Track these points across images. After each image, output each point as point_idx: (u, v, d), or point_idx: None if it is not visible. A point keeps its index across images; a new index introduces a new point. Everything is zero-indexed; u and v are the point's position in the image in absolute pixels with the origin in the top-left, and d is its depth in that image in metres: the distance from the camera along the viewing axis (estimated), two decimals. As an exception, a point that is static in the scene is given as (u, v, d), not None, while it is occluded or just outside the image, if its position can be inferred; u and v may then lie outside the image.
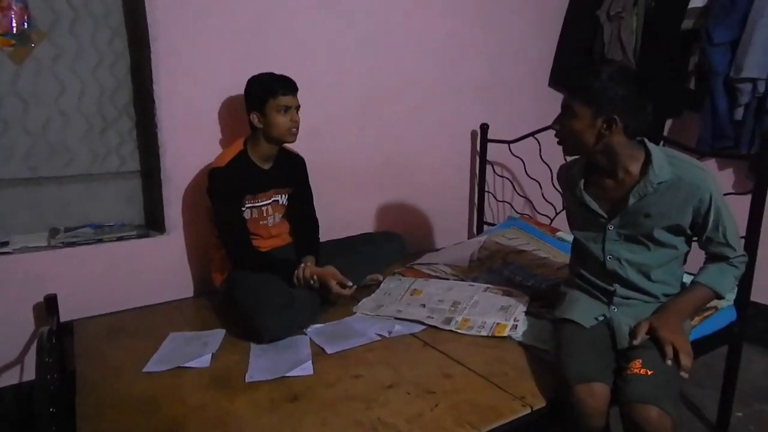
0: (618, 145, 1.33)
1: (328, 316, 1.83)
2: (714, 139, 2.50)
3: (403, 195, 2.60)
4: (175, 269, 2.08)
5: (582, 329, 1.39)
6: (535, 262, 2.15)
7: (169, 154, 2.00)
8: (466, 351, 1.56)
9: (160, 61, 1.92)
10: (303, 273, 1.80)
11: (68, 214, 2.03)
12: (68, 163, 1.99)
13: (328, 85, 2.27)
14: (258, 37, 2.08)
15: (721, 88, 2.42)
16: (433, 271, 2.20)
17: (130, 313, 1.89)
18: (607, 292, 1.45)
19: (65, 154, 1.98)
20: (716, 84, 2.42)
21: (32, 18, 1.85)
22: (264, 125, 1.84)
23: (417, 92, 2.53)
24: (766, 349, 2.51)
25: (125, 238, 1.99)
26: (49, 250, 1.87)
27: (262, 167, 1.93)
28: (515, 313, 1.73)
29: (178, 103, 1.98)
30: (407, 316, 1.80)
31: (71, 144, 1.98)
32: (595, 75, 1.29)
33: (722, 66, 2.39)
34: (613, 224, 1.42)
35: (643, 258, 1.40)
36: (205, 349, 1.59)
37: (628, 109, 1.29)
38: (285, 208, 2.05)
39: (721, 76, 2.40)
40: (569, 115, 1.33)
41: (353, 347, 1.60)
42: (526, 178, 2.66)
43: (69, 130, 1.97)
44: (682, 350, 1.25)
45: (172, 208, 2.05)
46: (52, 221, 2.00)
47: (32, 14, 1.84)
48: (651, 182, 1.32)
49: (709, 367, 2.12)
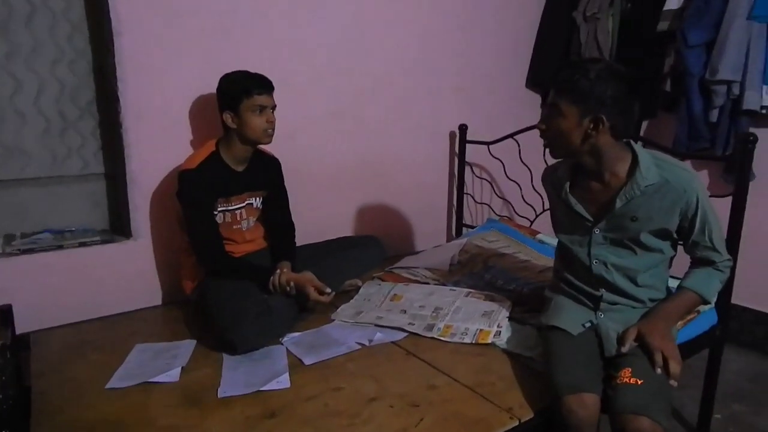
0: (605, 146, 1.30)
1: (305, 324, 1.75)
2: (690, 141, 2.51)
3: (382, 197, 2.54)
4: (143, 276, 1.98)
5: (569, 337, 1.35)
6: (517, 265, 2.12)
7: (135, 156, 1.90)
8: (451, 360, 1.51)
9: (124, 57, 1.82)
10: (279, 279, 1.73)
11: (26, 219, 1.90)
12: (25, 166, 1.86)
13: (303, 84, 2.19)
14: (230, 34, 1.99)
15: (697, 89, 2.43)
16: (413, 275, 2.15)
17: (93, 324, 1.78)
18: (594, 298, 1.42)
19: (21, 156, 1.85)
20: (692, 86, 2.43)
21: (-16, 11, 1.72)
22: (238, 126, 1.75)
23: (394, 92, 2.47)
24: (743, 349, 2.54)
25: (88, 244, 1.88)
26: (3, 257, 1.75)
27: (236, 169, 1.84)
28: (498, 319, 1.69)
29: (145, 102, 1.87)
30: (388, 323, 1.74)
31: (28, 145, 1.86)
32: (583, 73, 1.25)
33: (697, 68, 2.40)
34: (599, 228, 1.38)
35: (630, 262, 1.38)
36: (174, 362, 1.50)
37: (616, 109, 1.26)
38: (260, 212, 1.97)
39: (697, 78, 2.41)
40: (555, 114, 1.29)
41: (333, 357, 1.53)
42: (506, 179, 2.64)
43: (25, 130, 1.84)
44: (671, 358, 1.22)
45: (138, 213, 1.95)
46: (7, 227, 1.87)
47: (-16, 7, 1.72)
48: (638, 185, 1.29)
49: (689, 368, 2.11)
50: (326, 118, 2.29)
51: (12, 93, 1.80)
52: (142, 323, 1.80)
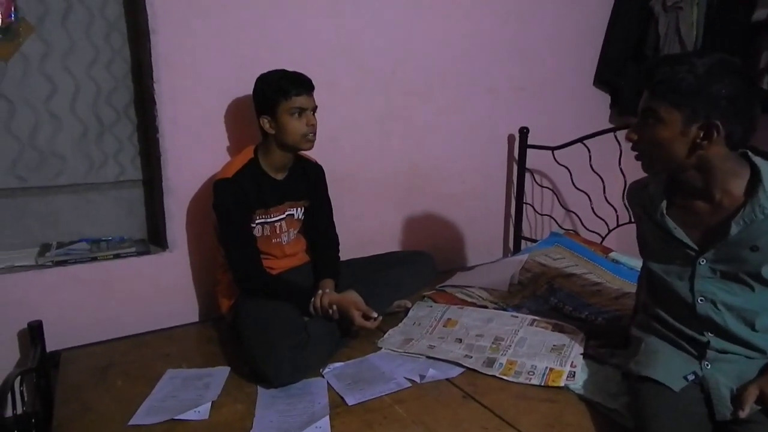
0: (717, 158, 1.06)
1: (348, 352, 1.58)
2: (791, 147, 2.18)
3: (432, 206, 2.34)
4: (178, 291, 1.86)
5: (669, 393, 1.10)
6: (588, 289, 1.87)
7: (171, 162, 1.78)
8: (516, 406, 1.29)
9: (160, 56, 1.70)
10: (321, 301, 1.56)
11: (60, 228, 1.83)
12: (60, 172, 1.78)
13: (348, 86, 2.02)
14: (270, 31, 1.84)
15: (802, 87, 2.10)
16: (468, 296, 1.93)
17: (124, 343, 1.67)
18: (698, 344, 1.16)
19: (57, 162, 1.77)
20: (796, 83, 2.10)
21: (19, 10, 1.64)
22: (276, 131, 1.60)
23: (446, 93, 2.26)
24: None
25: (122, 256, 1.77)
26: (36, 269, 1.66)
27: (275, 177, 1.69)
28: (571, 356, 1.46)
29: (181, 104, 1.75)
30: (441, 355, 1.54)
31: (64, 150, 1.77)
32: (689, 69, 1.02)
33: (804, 62, 2.07)
34: (706, 258, 1.13)
35: (746, 301, 1.12)
36: (205, 393, 1.36)
37: (733, 112, 1.02)
38: (301, 224, 1.81)
39: (803, 73, 2.08)
40: (653, 122, 1.06)
41: (379, 396, 1.34)
42: (573, 189, 2.37)
43: (61, 135, 1.76)
44: (808, 428, 0.96)
45: (175, 222, 1.83)
46: (42, 236, 1.80)
47: (19, 6, 1.64)
48: (762, 207, 1.04)
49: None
50: (373, 121, 2.11)
51: (47, 96, 1.72)
52: (175, 343, 1.67)
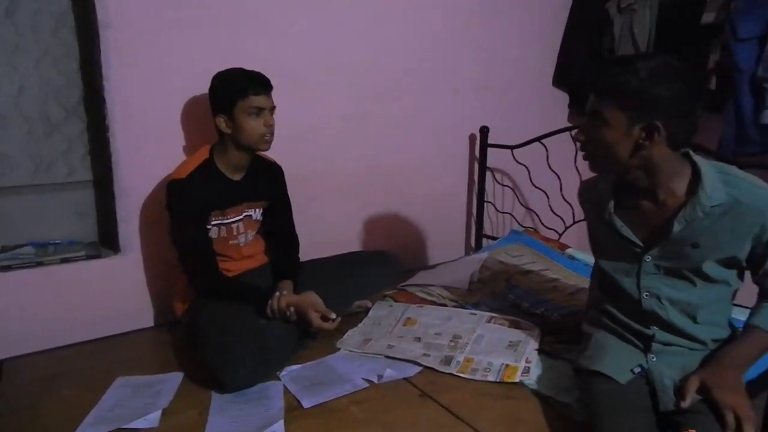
0: (660, 158, 1.09)
1: (307, 354, 1.56)
2: (737, 145, 2.26)
3: (395, 206, 2.34)
4: (131, 295, 1.80)
5: (616, 386, 1.13)
6: (545, 286, 1.90)
7: (123, 162, 1.72)
8: (473, 404, 1.30)
9: (111, 52, 1.64)
10: (278, 303, 1.54)
11: (6, 231, 1.75)
12: (5, 173, 1.70)
13: (311, 84, 2.00)
14: (228, 26, 1.80)
15: (747, 87, 2.17)
16: (428, 294, 1.94)
17: (73, 350, 1.62)
18: (644, 337, 1.20)
19: (1, 163, 1.69)
20: (741, 83, 2.18)
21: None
22: (233, 130, 1.57)
23: (410, 93, 2.26)
24: None
25: (71, 260, 1.71)
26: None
27: (232, 178, 1.66)
28: (526, 352, 1.48)
29: (134, 102, 1.70)
30: (400, 354, 1.54)
31: (9, 150, 1.70)
32: (632, 72, 1.04)
33: (748, 63, 2.15)
34: (651, 255, 1.16)
35: (689, 296, 1.15)
36: (156, 401, 1.32)
37: (674, 114, 1.05)
38: (260, 225, 1.78)
39: (747, 75, 2.16)
40: (598, 123, 1.09)
41: (336, 398, 1.33)
42: (531, 187, 2.41)
43: (6, 134, 1.68)
44: (746, 418, 1.00)
45: (127, 225, 1.77)
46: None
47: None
48: (702, 205, 1.08)
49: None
50: (335, 121, 2.10)
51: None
52: (127, 349, 1.63)
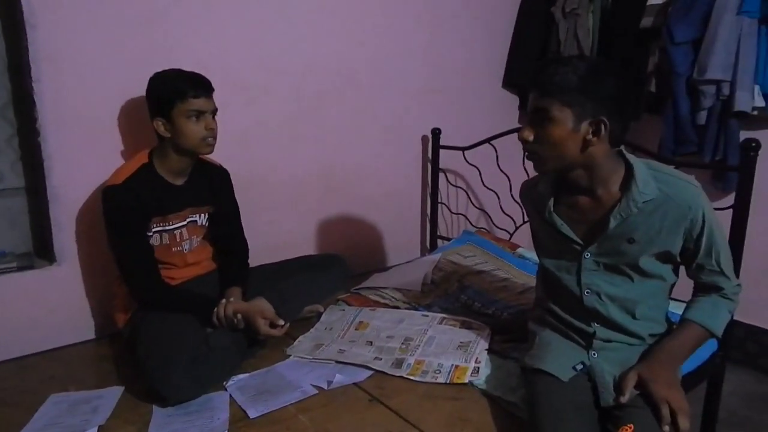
0: (601, 155, 1.11)
1: (255, 362, 1.52)
2: (676, 145, 2.36)
3: (347, 209, 2.32)
4: (69, 307, 1.72)
5: (559, 384, 1.14)
6: (496, 285, 1.92)
7: (56, 168, 1.64)
8: (422, 407, 1.29)
9: (40, 53, 1.56)
10: (225, 311, 1.49)
11: (-72, 243, 1.64)
12: (-76, 181, 1.59)
13: (255, 85, 1.96)
14: (168, 26, 1.75)
15: (684, 89, 2.27)
16: (381, 297, 1.93)
17: (4, 368, 1.52)
18: (585, 334, 1.22)
19: None
20: (678, 86, 2.27)
21: None
22: (172, 134, 1.51)
23: (359, 95, 2.25)
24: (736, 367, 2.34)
25: (2, 272, 1.62)
26: None
27: (174, 183, 1.60)
28: (476, 352, 1.49)
29: (67, 105, 1.62)
30: (351, 359, 1.52)
31: (-72, 157, 1.59)
32: (573, 70, 1.06)
33: (684, 66, 2.24)
34: (591, 251, 1.19)
35: (627, 291, 1.18)
36: (92, 418, 1.25)
37: (617, 108, 1.07)
38: (205, 230, 1.72)
39: (683, 78, 2.25)
40: (545, 121, 1.09)
41: (283, 406, 1.30)
42: (483, 188, 2.44)
43: (-77, 139, 1.57)
44: (680, 410, 1.03)
45: (63, 234, 1.69)
46: None
47: None
48: (635, 201, 1.10)
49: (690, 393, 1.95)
50: (282, 122, 2.06)
51: None
52: (64, 365, 1.54)
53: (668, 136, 2.37)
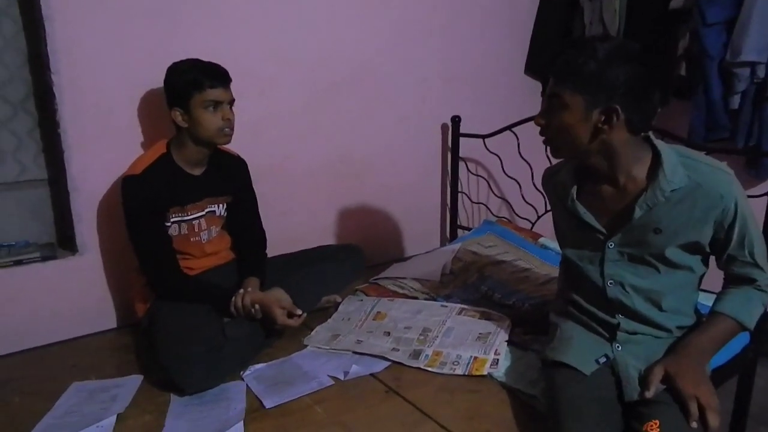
0: (619, 143, 1.07)
1: (273, 352, 1.52)
2: (707, 130, 2.26)
3: (364, 199, 2.29)
4: (91, 297, 1.74)
5: (580, 377, 1.11)
6: (516, 276, 1.88)
7: (76, 159, 1.66)
8: (438, 399, 1.27)
9: (58, 46, 1.57)
10: (242, 301, 1.50)
11: (-46, 233, 1.67)
12: (-50, 173, 1.63)
13: (271, 75, 1.94)
14: (183, 17, 1.74)
15: (716, 73, 2.17)
16: (399, 287, 1.91)
17: (27, 356, 1.55)
18: (609, 326, 1.18)
19: (-55, 162, 1.61)
20: (710, 69, 2.18)
21: None
22: (189, 124, 1.51)
23: (375, 82, 2.21)
24: None
25: (25, 262, 1.64)
26: (-76, 280, 1.51)
27: (192, 173, 1.60)
28: (496, 344, 1.46)
29: (86, 97, 1.63)
30: (368, 349, 1.51)
31: (-47, 149, 1.62)
32: (590, 55, 1.02)
33: (717, 49, 2.15)
34: (614, 241, 1.14)
35: (653, 283, 1.14)
36: (111, 406, 1.27)
37: (632, 97, 1.03)
38: (224, 220, 1.72)
39: (716, 60, 2.16)
40: (557, 107, 1.06)
41: (299, 396, 1.30)
42: (504, 176, 2.39)
43: (-52, 132, 1.60)
44: (708, 407, 0.99)
45: (84, 224, 1.71)
46: (-67, 244, 1.64)
47: None
48: (662, 190, 1.06)
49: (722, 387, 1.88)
50: (299, 112, 2.04)
51: (-71, 90, 1.56)
52: (85, 353, 1.57)
53: (699, 121, 2.28)
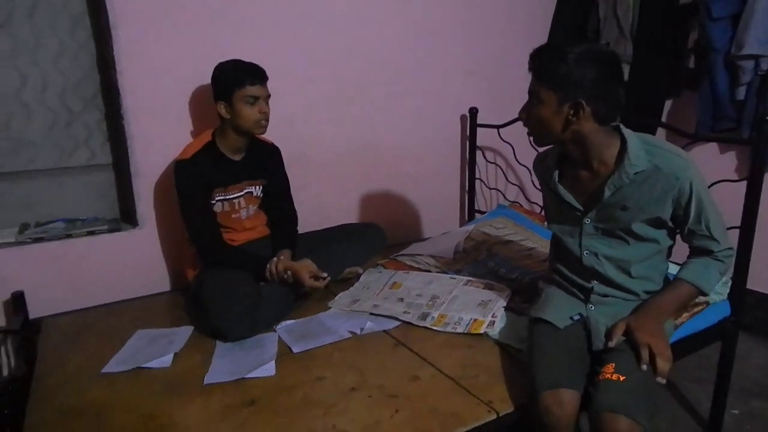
0: (589, 132, 1.23)
1: (301, 312, 1.76)
2: (714, 121, 2.37)
3: (388, 184, 2.51)
4: (149, 264, 2.03)
5: (555, 330, 1.30)
6: (521, 254, 2.06)
7: (137, 147, 1.94)
8: (439, 351, 1.49)
9: (122, 49, 1.84)
10: (276, 267, 1.74)
11: (37, 210, 1.97)
12: (34, 158, 1.93)
13: (301, 70, 2.17)
14: (225, 22, 1.99)
15: (722, 65, 2.28)
16: (416, 262, 2.12)
17: (99, 310, 1.85)
18: (585, 290, 1.36)
19: (30, 149, 1.91)
20: (716, 61, 2.28)
21: (-13, 8, 1.78)
22: (231, 116, 1.76)
23: (397, 76, 2.42)
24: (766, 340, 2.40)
25: (96, 233, 1.94)
26: (17, 246, 1.82)
27: (233, 158, 1.85)
28: (494, 309, 1.65)
29: (144, 93, 1.90)
30: (383, 312, 1.73)
31: (36, 138, 1.92)
32: (561, 57, 1.19)
33: (722, 42, 2.25)
34: (590, 218, 1.32)
35: (622, 253, 1.31)
36: (169, 347, 1.54)
37: (596, 93, 1.19)
38: (260, 200, 1.97)
39: (722, 53, 2.27)
40: (535, 102, 1.24)
41: (321, 345, 1.54)
42: (516, 164, 2.56)
43: (33, 123, 1.90)
44: (659, 353, 1.16)
45: (143, 203, 1.99)
46: (21, 217, 1.95)
47: (-13, 3, 1.77)
48: (627, 173, 1.23)
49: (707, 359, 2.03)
50: (326, 104, 2.27)
51: (18, 87, 1.85)
52: (145, 310, 1.85)
53: (705, 112, 2.38)
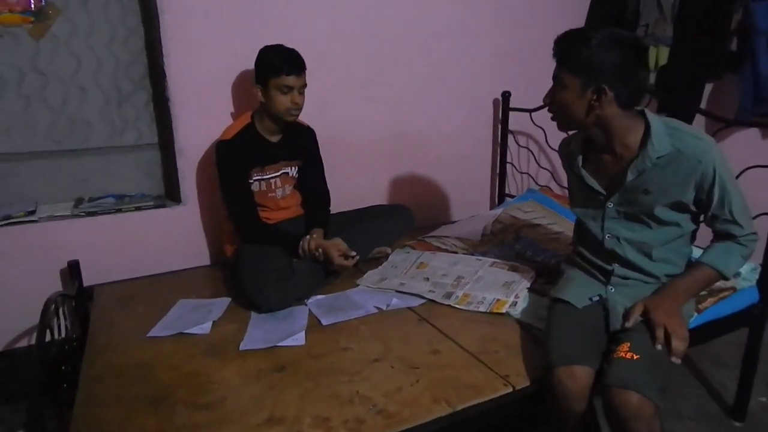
0: (612, 117, 1.25)
1: (331, 288, 1.85)
2: (755, 104, 2.31)
3: (419, 167, 2.56)
4: (191, 239, 2.16)
5: (573, 309, 1.34)
6: (548, 237, 2.09)
7: (181, 128, 2.05)
8: (460, 327, 1.55)
9: (168, 34, 1.94)
10: (308, 245, 1.83)
11: (91, 184, 2.12)
12: (88, 136, 2.07)
13: (336, 54, 2.23)
14: (266, 9, 2.06)
15: (765, 47, 2.22)
16: (443, 244, 2.17)
17: (146, 280, 1.98)
18: (605, 272, 1.39)
19: (85, 128, 2.06)
20: (759, 43, 2.23)
21: (48, -5, 1.91)
22: (266, 100, 1.83)
23: (430, 61, 2.44)
24: None
25: (143, 208, 2.07)
26: (72, 219, 1.97)
27: (270, 140, 1.94)
28: (517, 290, 1.70)
29: (188, 76, 2.00)
30: (409, 290, 1.80)
31: (90, 117, 2.06)
32: (584, 43, 1.21)
33: (766, 23, 2.19)
34: (612, 201, 1.35)
35: (644, 236, 1.33)
36: (208, 316, 1.65)
37: (619, 78, 1.20)
38: (295, 180, 2.05)
39: (765, 35, 2.20)
40: (559, 87, 1.26)
41: (348, 319, 1.62)
42: (548, 148, 2.56)
43: (87, 104, 2.04)
44: (675, 334, 1.19)
45: (186, 181, 2.11)
46: (76, 192, 2.10)
47: (48, -9, 1.90)
48: (649, 157, 1.24)
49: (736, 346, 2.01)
50: (360, 87, 2.32)
51: (74, 70, 1.99)
52: (187, 281, 1.98)
53: (746, 95, 2.33)
